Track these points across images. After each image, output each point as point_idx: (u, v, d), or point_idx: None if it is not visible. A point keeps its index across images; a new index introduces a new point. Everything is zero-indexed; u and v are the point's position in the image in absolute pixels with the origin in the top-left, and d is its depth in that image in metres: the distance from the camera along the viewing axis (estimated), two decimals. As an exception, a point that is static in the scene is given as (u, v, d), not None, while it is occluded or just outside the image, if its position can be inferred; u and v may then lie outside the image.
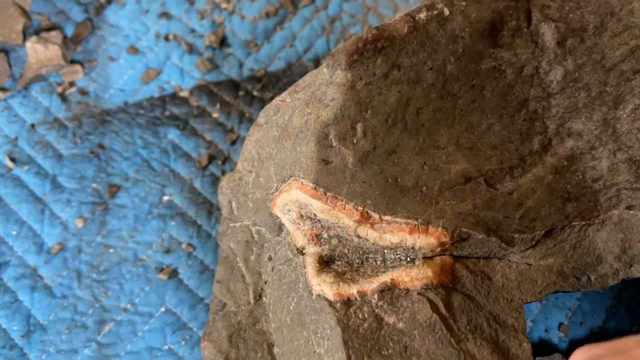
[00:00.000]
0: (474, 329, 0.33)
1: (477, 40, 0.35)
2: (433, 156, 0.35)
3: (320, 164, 0.34)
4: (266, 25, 0.61)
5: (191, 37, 0.61)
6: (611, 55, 0.35)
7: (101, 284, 0.49)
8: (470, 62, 0.35)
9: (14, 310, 0.48)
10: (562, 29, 0.35)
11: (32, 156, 0.55)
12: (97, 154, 0.55)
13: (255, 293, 0.39)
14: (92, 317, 0.48)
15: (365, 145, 0.34)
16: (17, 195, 0.53)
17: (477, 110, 0.35)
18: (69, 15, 0.62)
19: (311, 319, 0.34)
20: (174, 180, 0.54)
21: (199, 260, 0.50)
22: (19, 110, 0.57)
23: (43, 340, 0.47)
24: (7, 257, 0.50)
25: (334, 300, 0.33)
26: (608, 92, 0.35)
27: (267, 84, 0.59)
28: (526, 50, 0.36)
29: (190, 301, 0.49)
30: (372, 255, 0.35)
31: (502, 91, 0.36)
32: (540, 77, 0.36)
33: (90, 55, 0.60)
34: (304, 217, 0.35)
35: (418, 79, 0.34)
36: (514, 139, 0.36)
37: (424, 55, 0.34)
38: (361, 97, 0.34)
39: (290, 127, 0.36)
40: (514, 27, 0.36)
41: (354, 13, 0.62)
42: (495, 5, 0.35)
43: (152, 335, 0.47)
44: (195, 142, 0.55)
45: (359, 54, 0.33)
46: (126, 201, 0.53)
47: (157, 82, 0.59)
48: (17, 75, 0.58)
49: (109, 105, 0.57)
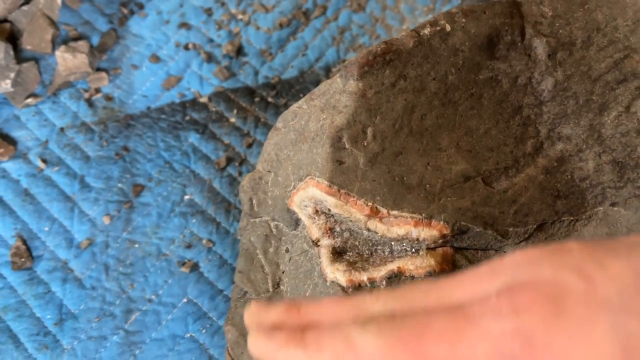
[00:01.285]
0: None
1: (475, 53, 0.39)
2: (435, 157, 0.38)
3: (335, 164, 0.37)
4: (280, 35, 0.65)
5: (209, 47, 0.64)
6: (597, 67, 0.39)
7: (127, 276, 0.53)
8: (469, 73, 0.39)
9: (47, 301, 0.52)
10: (553, 43, 0.39)
11: (61, 158, 0.58)
12: (122, 155, 0.58)
13: (274, 282, 0.43)
14: (120, 307, 0.51)
15: (375, 147, 0.37)
16: (49, 194, 0.56)
17: (476, 116, 0.39)
18: (95, 25, 0.65)
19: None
20: (195, 181, 0.57)
21: (218, 254, 0.54)
22: (49, 115, 0.60)
23: (74, 328, 0.51)
24: (40, 251, 0.54)
25: (346, 286, 0.37)
26: (594, 100, 0.39)
27: (281, 91, 0.62)
28: (520, 62, 0.39)
29: (210, 292, 0.52)
30: (381, 246, 0.38)
31: (499, 99, 0.39)
32: (533, 86, 0.39)
33: (115, 63, 0.63)
34: (319, 212, 0.39)
35: (422, 88, 0.38)
36: (509, 142, 0.39)
37: (427, 66, 0.38)
38: (371, 104, 0.37)
39: (307, 131, 0.40)
40: (509, 42, 0.39)
41: (363, 24, 0.65)
42: (492, 22, 0.38)
43: (175, 324, 0.51)
44: (214, 145, 0.59)
45: (369, 65, 0.37)
46: (150, 200, 0.56)
47: (177, 88, 0.62)
48: (47, 82, 0.62)
49: (132, 110, 0.61)
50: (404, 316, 0.23)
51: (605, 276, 0.22)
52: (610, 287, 0.21)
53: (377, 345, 0.23)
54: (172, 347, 0.50)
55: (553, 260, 0.23)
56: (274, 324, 0.26)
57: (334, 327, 0.24)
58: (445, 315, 0.23)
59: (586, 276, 0.22)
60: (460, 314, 0.22)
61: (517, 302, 0.22)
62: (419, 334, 0.22)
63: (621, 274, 0.21)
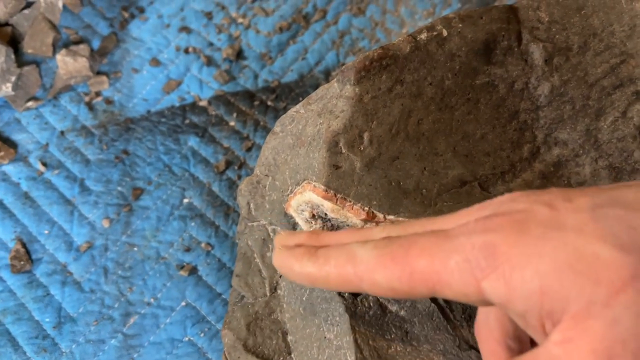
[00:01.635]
0: (468, 317, 0.37)
1: (472, 58, 0.39)
2: (432, 162, 0.38)
3: (331, 169, 0.37)
4: (280, 39, 0.65)
5: (209, 50, 0.65)
6: (593, 72, 0.39)
7: (126, 279, 0.53)
8: (466, 78, 0.39)
9: (46, 304, 0.52)
10: (549, 49, 0.39)
11: (61, 161, 0.58)
12: (121, 159, 0.59)
13: (271, 286, 0.43)
14: (118, 310, 0.52)
15: (371, 152, 0.38)
16: (49, 197, 0.57)
17: (473, 121, 0.39)
18: (96, 29, 0.66)
19: (322, 307, 0.38)
20: (194, 184, 0.57)
21: (217, 258, 0.54)
22: (49, 118, 0.61)
23: (73, 331, 0.51)
24: (40, 254, 0.54)
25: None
26: (591, 106, 0.39)
27: (280, 95, 0.62)
28: (517, 67, 0.39)
29: (209, 296, 0.52)
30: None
31: (495, 104, 0.39)
32: (530, 91, 0.39)
33: (115, 67, 0.64)
34: (316, 216, 0.39)
35: (419, 93, 0.38)
36: (505, 147, 0.39)
37: (424, 71, 0.38)
38: (368, 109, 0.37)
39: (304, 135, 0.40)
40: (505, 47, 0.39)
41: (363, 28, 0.66)
42: (489, 27, 0.39)
43: (173, 328, 0.51)
44: (214, 148, 0.59)
45: (366, 70, 0.37)
46: (149, 203, 0.56)
47: (177, 92, 0.62)
48: (48, 85, 0.62)
49: (132, 113, 0.61)
50: (398, 237, 0.28)
51: (569, 207, 0.25)
52: (570, 214, 0.25)
53: (371, 257, 0.28)
54: (170, 351, 0.50)
55: (531, 197, 0.27)
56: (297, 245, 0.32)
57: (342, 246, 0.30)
58: (430, 236, 0.27)
59: (553, 207, 0.25)
60: (442, 235, 0.27)
61: (489, 224, 0.26)
62: (406, 249, 0.27)
63: (582, 205, 0.25)
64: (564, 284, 0.23)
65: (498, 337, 0.30)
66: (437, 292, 0.26)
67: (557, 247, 0.24)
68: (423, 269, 0.26)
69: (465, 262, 0.25)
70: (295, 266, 0.31)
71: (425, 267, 0.26)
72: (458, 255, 0.25)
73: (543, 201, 0.26)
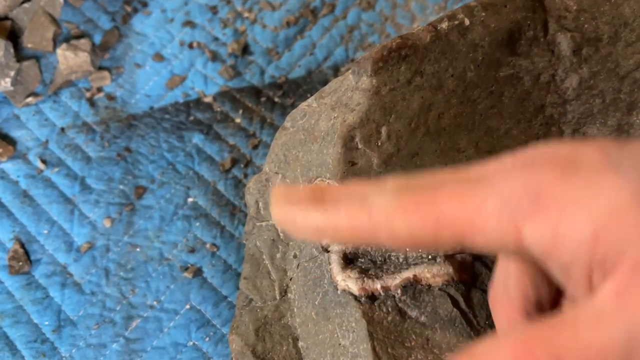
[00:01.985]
0: (492, 323, 0.35)
1: (496, 49, 0.37)
2: (453, 159, 0.36)
3: (347, 165, 0.35)
4: (287, 34, 0.63)
5: (214, 45, 0.63)
6: (625, 63, 0.37)
7: (128, 281, 0.51)
8: (489, 70, 0.37)
9: (45, 306, 0.50)
10: (578, 39, 0.37)
11: (62, 158, 0.57)
12: (124, 156, 0.57)
13: (281, 289, 0.41)
14: (120, 313, 0.50)
15: (389, 147, 0.36)
16: (48, 195, 0.55)
17: (496, 115, 0.37)
18: (97, 23, 0.64)
19: (336, 312, 0.36)
20: (198, 183, 0.56)
21: (223, 259, 0.52)
22: (49, 114, 0.59)
23: (73, 335, 0.49)
24: (39, 255, 0.52)
25: (359, 294, 0.35)
26: (622, 99, 0.37)
27: (287, 91, 0.60)
28: (543, 58, 0.37)
29: (214, 299, 0.50)
30: (394, 253, 0.36)
31: (520, 97, 0.37)
32: (557, 84, 0.38)
33: (117, 62, 0.62)
34: (329, 216, 0.37)
35: (440, 85, 0.36)
36: (531, 143, 0.37)
37: (445, 62, 0.36)
38: (386, 102, 0.35)
39: (317, 130, 0.38)
40: (531, 37, 0.37)
41: (372, 22, 0.64)
42: (513, 16, 0.37)
43: (177, 332, 0.49)
44: (219, 146, 0.57)
45: (383, 61, 0.35)
46: (152, 202, 0.55)
47: (181, 88, 0.60)
48: (48, 81, 0.60)
49: (135, 110, 0.59)
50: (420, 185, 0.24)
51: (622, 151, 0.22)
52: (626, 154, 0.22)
53: (391, 205, 0.24)
54: (174, 356, 0.48)
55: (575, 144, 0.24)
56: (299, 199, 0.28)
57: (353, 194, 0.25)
58: (460, 182, 0.24)
59: (604, 150, 0.22)
60: (474, 179, 0.23)
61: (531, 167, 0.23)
62: (432, 194, 0.24)
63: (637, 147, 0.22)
64: (623, 228, 0.20)
65: (517, 303, 0.27)
66: (467, 241, 0.23)
67: (614, 188, 0.21)
68: (453, 213, 0.23)
69: (504, 205, 0.22)
70: (298, 217, 0.26)
71: (455, 212, 0.23)
72: (495, 199, 0.22)
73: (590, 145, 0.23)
